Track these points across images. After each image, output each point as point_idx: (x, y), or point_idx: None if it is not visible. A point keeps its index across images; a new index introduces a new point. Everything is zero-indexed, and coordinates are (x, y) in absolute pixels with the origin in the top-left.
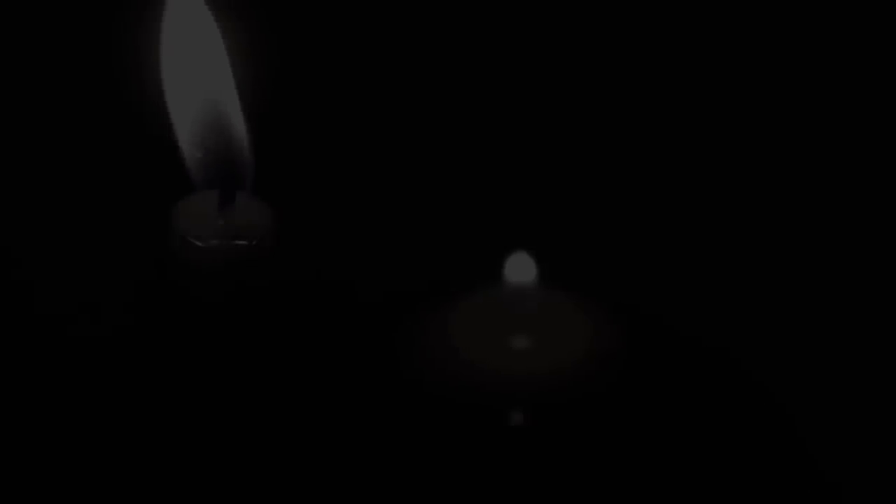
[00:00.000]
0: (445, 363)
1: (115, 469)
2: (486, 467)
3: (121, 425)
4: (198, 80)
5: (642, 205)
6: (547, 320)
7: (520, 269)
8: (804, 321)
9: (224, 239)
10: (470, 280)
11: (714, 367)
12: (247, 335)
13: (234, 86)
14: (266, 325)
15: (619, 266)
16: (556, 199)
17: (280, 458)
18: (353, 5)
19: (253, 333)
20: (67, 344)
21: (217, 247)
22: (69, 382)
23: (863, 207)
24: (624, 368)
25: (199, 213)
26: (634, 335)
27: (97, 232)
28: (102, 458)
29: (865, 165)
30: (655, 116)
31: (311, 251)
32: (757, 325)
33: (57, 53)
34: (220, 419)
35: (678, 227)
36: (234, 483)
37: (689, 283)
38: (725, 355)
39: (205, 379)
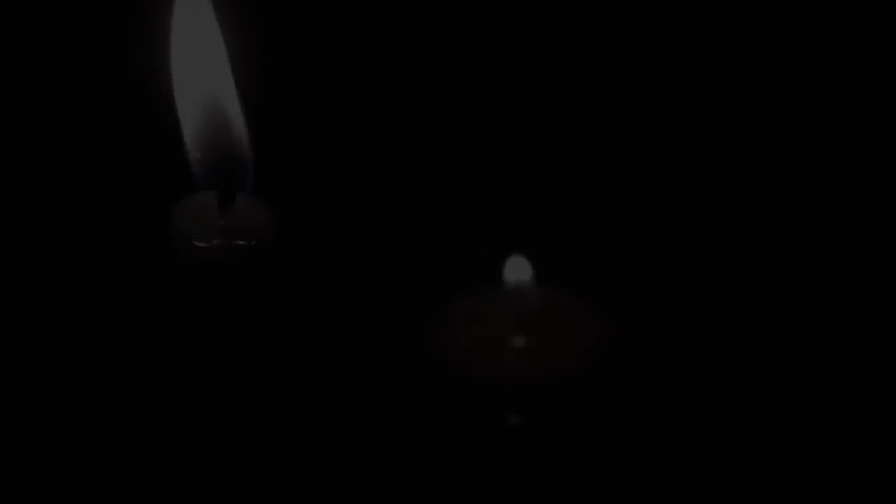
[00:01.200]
0: (446, 362)
1: (116, 463)
2: (486, 465)
3: (122, 421)
4: (199, 79)
5: (637, 205)
6: (546, 320)
7: (518, 270)
8: (800, 321)
9: (224, 239)
10: (470, 280)
11: (713, 365)
12: (247, 334)
13: (234, 85)
14: (267, 324)
15: (617, 267)
16: (555, 200)
17: (280, 456)
18: (354, 6)
19: (254, 332)
20: (69, 342)
21: (217, 247)
22: (71, 380)
23: (860, 209)
24: (622, 368)
25: (199, 213)
26: (633, 335)
27: (97, 232)
28: (106, 451)
29: (869, 164)
30: (647, 118)
31: (311, 251)
32: (754, 322)
33: (58, 54)
34: (219, 416)
35: (673, 226)
36: (233, 481)
37: (686, 283)
38: (724, 352)
39: (205, 377)
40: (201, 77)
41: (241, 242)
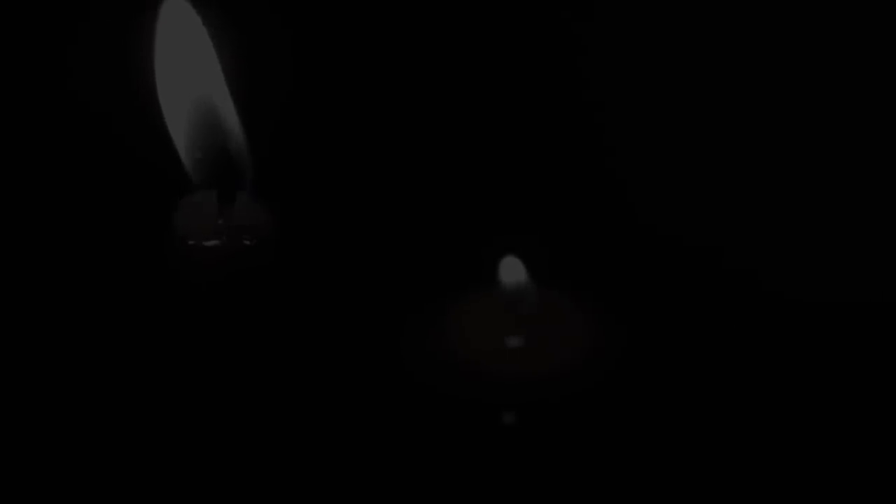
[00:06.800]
0: (445, 362)
1: (117, 463)
2: (485, 465)
3: (123, 421)
4: (189, 82)
5: (635, 205)
6: (543, 320)
7: (512, 271)
8: (799, 320)
9: (224, 239)
10: (467, 280)
11: (711, 365)
12: (248, 334)
13: (225, 85)
14: (268, 323)
15: (615, 266)
16: (552, 201)
17: (280, 456)
18: (355, 7)
19: (255, 332)
20: (70, 342)
21: (217, 247)
22: (72, 380)
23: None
24: (619, 367)
25: (199, 213)
26: (630, 334)
27: (97, 232)
28: (106, 451)
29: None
30: (642, 118)
31: (311, 251)
32: (753, 322)
33: (56, 55)
34: (220, 416)
35: (671, 226)
36: (233, 481)
37: (684, 283)
38: (722, 352)
39: (206, 377)
40: (190, 79)
41: (241, 242)
